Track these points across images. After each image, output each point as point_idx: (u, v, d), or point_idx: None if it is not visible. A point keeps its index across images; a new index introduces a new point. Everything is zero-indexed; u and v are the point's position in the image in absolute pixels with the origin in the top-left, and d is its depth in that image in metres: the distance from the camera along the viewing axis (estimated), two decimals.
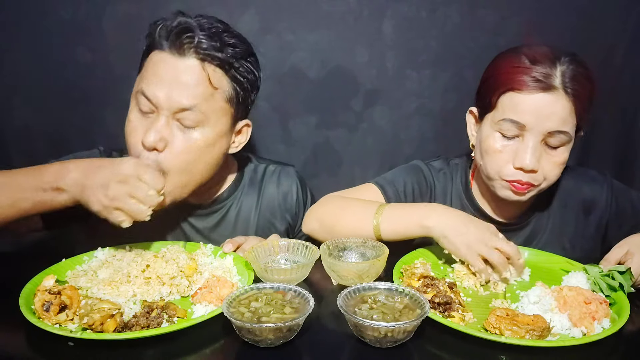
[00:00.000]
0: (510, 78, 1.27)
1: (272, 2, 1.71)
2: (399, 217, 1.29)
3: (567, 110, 1.25)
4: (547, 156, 1.29)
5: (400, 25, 1.75)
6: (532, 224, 1.47)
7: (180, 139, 1.25)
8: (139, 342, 0.95)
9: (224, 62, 1.26)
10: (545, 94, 1.24)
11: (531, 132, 1.26)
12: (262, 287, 1.05)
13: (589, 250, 1.46)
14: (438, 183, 1.50)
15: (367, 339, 0.95)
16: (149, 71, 1.26)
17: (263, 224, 1.51)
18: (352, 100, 1.81)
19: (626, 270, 1.15)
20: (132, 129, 1.27)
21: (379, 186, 1.45)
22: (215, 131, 1.29)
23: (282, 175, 1.54)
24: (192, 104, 1.23)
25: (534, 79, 1.24)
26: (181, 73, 1.23)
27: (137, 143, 1.25)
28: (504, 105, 1.29)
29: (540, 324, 0.99)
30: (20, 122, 1.75)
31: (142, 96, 1.24)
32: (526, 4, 1.74)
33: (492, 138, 1.32)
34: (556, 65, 1.25)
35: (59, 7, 1.67)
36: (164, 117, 1.24)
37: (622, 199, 1.46)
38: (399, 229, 1.28)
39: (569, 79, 1.24)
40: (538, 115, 1.24)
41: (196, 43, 1.23)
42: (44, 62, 1.71)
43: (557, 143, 1.28)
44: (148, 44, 1.30)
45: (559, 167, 1.31)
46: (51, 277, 1.06)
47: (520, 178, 1.29)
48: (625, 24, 1.76)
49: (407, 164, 1.55)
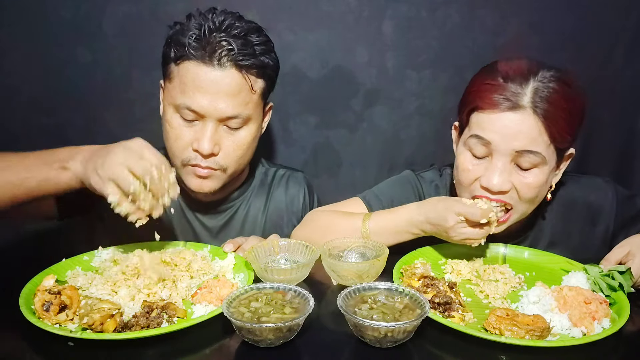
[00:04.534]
0: (478, 96, 1.24)
1: (272, 2, 1.71)
2: (387, 231, 1.31)
3: (535, 129, 1.19)
4: (518, 177, 1.24)
5: (400, 25, 1.75)
6: (530, 237, 1.43)
7: (230, 140, 1.34)
8: (139, 342, 0.95)
9: (260, 67, 1.31)
10: (511, 112, 1.19)
11: (498, 152, 1.22)
12: (262, 287, 1.05)
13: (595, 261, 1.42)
14: (428, 196, 1.48)
15: (367, 339, 0.95)
16: (187, 84, 1.28)
17: (270, 227, 1.54)
18: (352, 100, 1.81)
19: (626, 270, 1.15)
20: (176, 136, 1.32)
21: (365, 201, 1.46)
22: (256, 125, 1.38)
23: (290, 180, 1.59)
24: (238, 112, 1.30)
25: (503, 97, 1.20)
26: (223, 85, 1.27)
27: (184, 149, 1.32)
28: (472, 122, 1.27)
29: (540, 324, 0.99)
30: (20, 122, 1.75)
31: (185, 109, 1.29)
32: (526, 4, 1.74)
33: (463, 156, 1.29)
34: (529, 83, 1.20)
35: (59, 7, 1.67)
36: (211, 124, 1.30)
37: (627, 206, 1.42)
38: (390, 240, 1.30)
39: (539, 98, 1.19)
40: (504, 134, 1.20)
41: (234, 55, 1.26)
42: (44, 62, 1.71)
43: (527, 164, 1.22)
44: (177, 53, 1.29)
45: (533, 189, 1.24)
46: (51, 277, 1.06)
47: (489, 196, 1.25)
48: (625, 24, 1.76)
49: (398, 176, 1.54)
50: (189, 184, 1.37)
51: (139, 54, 1.65)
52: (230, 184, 1.47)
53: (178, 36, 1.29)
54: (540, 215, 1.43)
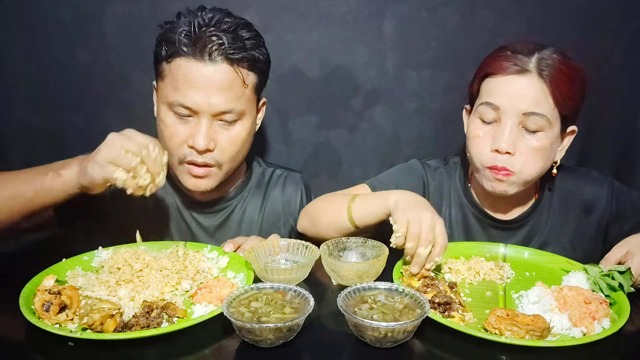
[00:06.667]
0: (490, 65, 1.35)
1: (272, 2, 1.71)
2: (368, 199, 1.35)
3: (540, 92, 1.29)
4: (524, 141, 1.31)
5: (400, 25, 1.75)
6: (530, 223, 1.47)
7: (225, 135, 1.33)
8: (139, 342, 0.95)
9: (251, 60, 1.31)
10: (518, 76, 1.30)
11: (506, 115, 1.30)
12: (262, 287, 1.05)
13: (590, 251, 1.46)
14: (432, 181, 1.53)
15: (367, 339, 0.95)
16: (180, 81, 1.28)
17: (267, 227, 1.53)
18: (352, 100, 1.81)
19: (626, 270, 1.15)
20: (171, 133, 1.32)
21: (371, 187, 1.49)
22: (250, 120, 1.38)
23: (287, 180, 1.58)
24: (231, 107, 1.30)
25: (512, 63, 1.31)
26: (216, 79, 1.27)
27: (180, 146, 1.32)
28: (483, 90, 1.36)
29: (540, 324, 0.99)
30: (20, 122, 1.75)
31: (179, 106, 1.29)
32: (526, 3, 1.74)
33: (473, 124, 1.38)
34: (534, 53, 1.31)
35: (59, 7, 1.67)
36: (205, 120, 1.30)
37: (623, 198, 1.46)
38: (366, 209, 1.32)
39: (545, 64, 1.29)
40: (512, 97, 1.30)
41: (225, 49, 1.26)
42: (44, 62, 1.71)
43: (534, 126, 1.30)
44: (169, 51, 1.29)
45: (536, 152, 1.32)
46: (51, 277, 1.06)
47: (496, 163, 1.32)
48: (625, 24, 1.76)
49: (404, 164, 1.59)
50: (185, 183, 1.37)
51: (139, 54, 1.64)
52: (227, 183, 1.47)
53: (168, 34, 1.29)
54: (541, 200, 1.48)
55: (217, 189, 1.42)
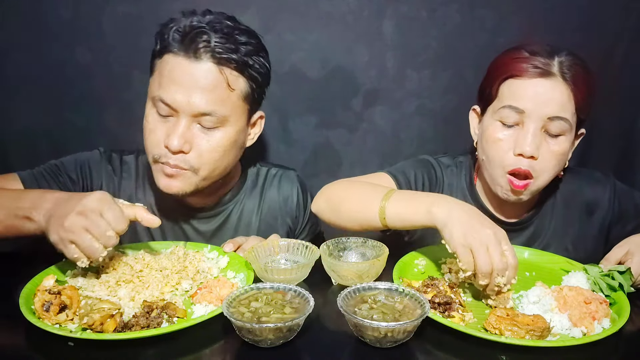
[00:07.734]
0: (510, 66, 1.31)
1: (272, 2, 1.71)
2: (408, 201, 1.20)
3: (565, 96, 1.27)
4: (546, 145, 1.29)
5: (400, 25, 1.75)
6: (534, 224, 1.47)
7: (204, 140, 1.29)
8: (139, 342, 0.95)
9: (240, 63, 1.27)
10: (543, 79, 1.27)
11: (530, 119, 1.28)
12: (262, 287, 1.05)
13: (592, 252, 1.45)
14: (446, 178, 1.50)
15: (367, 339, 0.95)
16: (165, 77, 1.26)
17: (264, 228, 1.51)
18: (352, 100, 1.81)
19: (626, 270, 1.15)
20: (150, 130, 1.30)
21: (392, 175, 1.43)
22: (235, 129, 1.32)
23: (283, 179, 1.55)
24: (212, 109, 1.26)
25: (533, 65, 1.28)
26: (199, 78, 1.24)
27: (157, 145, 1.29)
28: (503, 93, 1.32)
29: (540, 324, 0.99)
30: (20, 122, 1.75)
31: (160, 102, 1.26)
32: (526, 3, 1.74)
33: (493, 127, 1.34)
34: (554, 56, 1.29)
35: (59, 7, 1.67)
36: (184, 120, 1.26)
37: (625, 199, 1.46)
38: (405, 214, 1.18)
39: (566, 67, 1.27)
40: (537, 101, 1.27)
41: (212, 47, 1.24)
42: (44, 62, 1.71)
43: (557, 130, 1.28)
44: (160, 46, 1.29)
45: (557, 157, 1.30)
46: (51, 277, 1.06)
47: (520, 166, 1.30)
48: (625, 23, 1.76)
49: (416, 158, 1.54)
50: (157, 183, 1.33)
51: (139, 54, 1.64)
52: (222, 187, 1.45)
53: (162, 30, 1.28)
54: (544, 202, 1.47)
55: (210, 194, 1.40)
